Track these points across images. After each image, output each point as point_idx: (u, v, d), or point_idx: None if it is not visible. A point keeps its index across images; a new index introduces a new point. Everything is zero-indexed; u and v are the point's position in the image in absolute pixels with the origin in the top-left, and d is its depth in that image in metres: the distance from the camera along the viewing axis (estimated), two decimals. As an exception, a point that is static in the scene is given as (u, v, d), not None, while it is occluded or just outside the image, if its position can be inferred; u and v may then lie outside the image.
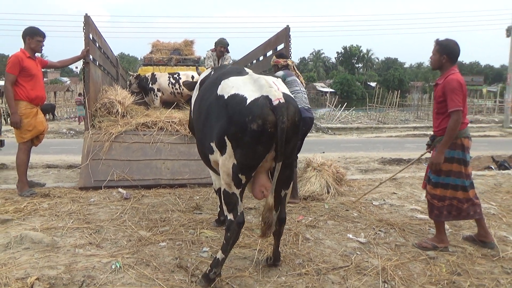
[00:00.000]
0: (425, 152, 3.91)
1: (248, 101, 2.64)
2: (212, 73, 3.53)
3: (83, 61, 6.00)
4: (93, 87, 6.43)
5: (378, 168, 9.14)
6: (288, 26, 5.90)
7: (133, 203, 4.79)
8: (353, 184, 5.94)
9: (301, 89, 4.96)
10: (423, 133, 17.68)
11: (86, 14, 5.97)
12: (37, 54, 5.39)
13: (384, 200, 5.17)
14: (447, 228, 3.95)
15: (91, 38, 6.17)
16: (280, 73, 4.90)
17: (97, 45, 6.89)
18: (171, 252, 3.40)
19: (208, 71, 3.78)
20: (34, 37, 5.15)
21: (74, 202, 4.76)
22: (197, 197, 5.15)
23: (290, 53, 5.72)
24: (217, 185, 3.49)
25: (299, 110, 2.79)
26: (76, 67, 61.74)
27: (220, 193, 3.06)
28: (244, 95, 2.69)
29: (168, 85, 9.28)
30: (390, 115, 26.13)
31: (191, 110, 3.83)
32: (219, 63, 7.16)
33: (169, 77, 9.35)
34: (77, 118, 21.15)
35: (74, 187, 5.50)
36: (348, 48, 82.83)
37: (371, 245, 3.66)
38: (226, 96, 2.78)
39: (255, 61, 8.15)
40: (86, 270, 2.99)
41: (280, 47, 6.10)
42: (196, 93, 3.62)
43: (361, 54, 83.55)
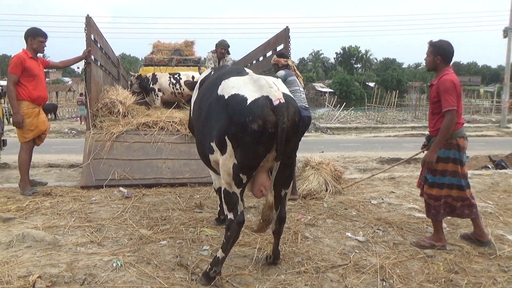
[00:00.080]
0: (419, 152, 3.94)
1: (249, 101, 2.65)
2: (212, 73, 3.53)
3: (85, 62, 6.04)
4: (95, 87, 6.47)
5: (377, 168, 9.18)
6: (288, 27, 5.93)
7: (134, 202, 4.81)
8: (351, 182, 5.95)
9: (300, 89, 5.02)
10: (421, 133, 17.71)
11: (88, 15, 6.02)
12: (39, 55, 5.42)
13: (382, 199, 5.20)
14: (445, 227, 3.98)
15: (93, 39, 6.21)
16: (281, 73, 4.95)
17: (99, 46, 6.92)
18: (172, 251, 3.42)
19: (208, 71, 3.77)
20: (36, 38, 5.18)
21: (76, 201, 4.79)
22: (198, 196, 5.18)
23: (290, 54, 5.75)
24: (217, 185, 3.49)
25: (299, 110, 2.81)
26: (78, 68, 61.89)
27: (220, 193, 3.07)
28: (245, 95, 2.70)
29: (169, 85, 9.33)
30: (389, 115, 26.19)
31: (191, 110, 3.83)
32: (220, 65, 7.19)
33: (170, 78, 9.40)
34: (79, 118, 21.20)
35: (76, 186, 5.53)
36: (347, 49, 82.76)
37: (370, 244, 3.69)
38: (227, 96, 2.78)
39: (255, 62, 8.18)
40: (88, 268, 3.02)
41: (280, 48, 6.13)
42: (196, 93, 3.61)
43: (360, 55, 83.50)
